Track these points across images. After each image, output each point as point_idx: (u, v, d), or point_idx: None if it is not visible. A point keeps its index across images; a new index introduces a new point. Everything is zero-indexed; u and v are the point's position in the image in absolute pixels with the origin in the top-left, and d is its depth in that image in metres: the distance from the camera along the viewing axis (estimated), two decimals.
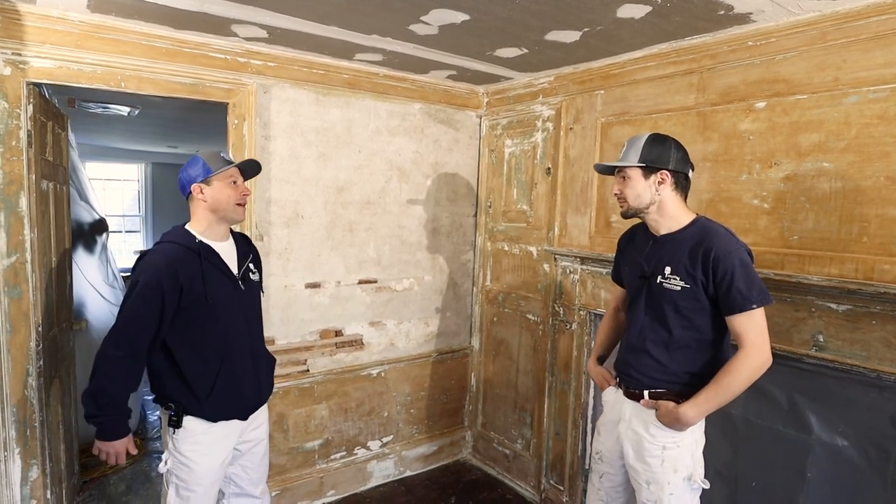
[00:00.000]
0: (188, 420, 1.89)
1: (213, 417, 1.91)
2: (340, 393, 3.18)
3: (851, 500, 2.00)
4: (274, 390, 2.87)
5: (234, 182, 1.94)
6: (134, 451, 1.88)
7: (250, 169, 2.03)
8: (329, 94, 2.95)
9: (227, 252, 1.99)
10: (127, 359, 1.79)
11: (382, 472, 3.38)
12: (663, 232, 1.84)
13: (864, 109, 1.86)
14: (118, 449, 1.83)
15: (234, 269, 1.98)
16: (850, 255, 1.90)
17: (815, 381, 2.05)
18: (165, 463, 1.93)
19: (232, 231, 2.07)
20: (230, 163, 1.94)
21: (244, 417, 2.01)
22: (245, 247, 2.09)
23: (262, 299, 2.06)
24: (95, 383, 1.78)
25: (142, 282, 1.79)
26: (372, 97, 3.09)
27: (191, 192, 1.91)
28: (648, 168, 1.78)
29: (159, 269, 1.80)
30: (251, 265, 2.06)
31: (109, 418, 1.80)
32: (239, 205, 1.94)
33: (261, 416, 2.12)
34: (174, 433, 1.89)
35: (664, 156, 1.78)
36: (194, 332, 1.86)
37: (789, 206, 2.06)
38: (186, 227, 1.94)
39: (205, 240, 1.92)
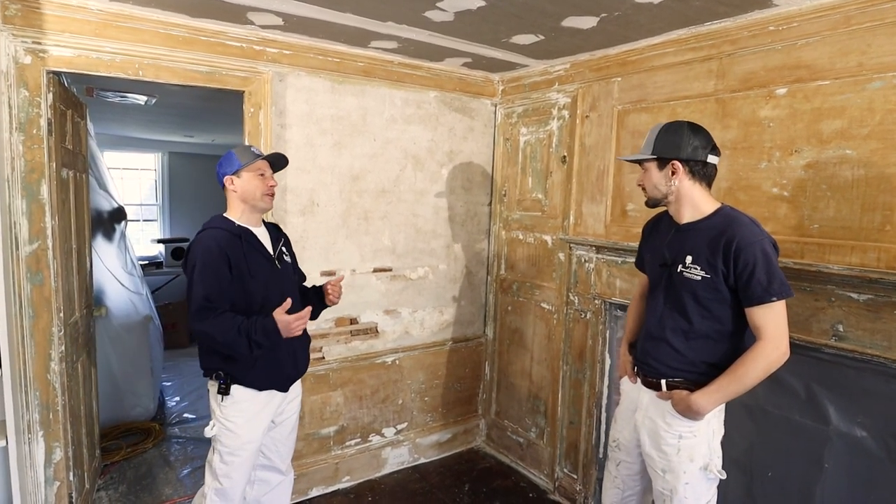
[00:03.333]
0: (235, 388, 2.03)
1: (258, 386, 2.06)
2: (355, 380, 3.21)
3: (869, 492, 1.98)
4: None
5: (262, 174, 2.09)
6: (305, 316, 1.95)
7: (278, 162, 2.19)
8: (344, 82, 2.94)
9: (262, 236, 2.16)
10: (218, 312, 1.90)
11: (397, 458, 3.41)
12: (686, 221, 1.83)
13: (889, 95, 1.82)
14: (288, 320, 1.89)
15: (270, 251, 2.16)
16: (872, 244, 1.87)
17: (834, 371, 2.02)
18: (212, 428, 2.07)
19: (263, 220, 2.24)
20: (258, 156, 2.10)
21: (284, 388, 2.15)
22: (276, 233, 2.26)
23: None
24: (224, 346, 1.91)
25: (201, 254, 1.94)
26: (387, 85, 3.08)
27: (224, 184, 2.11)
28: (661, 159, 1.79)
29: (210, 246, 1.96)
30: (283, 248, 2.24)
31: (259, 335, 1.88)
32: (267, 195, 2.10)
33: (296, 389, 2.28)
34: (222, 400, 2.04)
35: (676, 146, 1.76)
36: (239, 306, 1.98)
37: (810, 194, 2.03)
38: (224, 215, 2.11)
39: (242, 225, 2.09)
